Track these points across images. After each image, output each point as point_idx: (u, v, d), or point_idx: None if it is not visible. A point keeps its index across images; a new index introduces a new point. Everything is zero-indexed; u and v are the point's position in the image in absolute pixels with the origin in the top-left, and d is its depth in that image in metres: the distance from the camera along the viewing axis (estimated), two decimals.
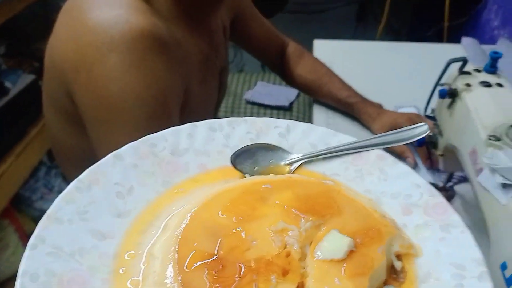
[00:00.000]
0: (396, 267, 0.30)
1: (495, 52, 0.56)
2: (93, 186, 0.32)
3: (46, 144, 1.34)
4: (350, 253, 0.28)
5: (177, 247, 0.28)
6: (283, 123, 0.41)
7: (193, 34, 0.62)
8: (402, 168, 0.38)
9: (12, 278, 1.34)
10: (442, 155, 0.60)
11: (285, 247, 0.28)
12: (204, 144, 0.38)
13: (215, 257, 0.27)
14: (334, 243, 0.29)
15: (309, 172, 0.38)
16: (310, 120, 1.06)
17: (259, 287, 0.26)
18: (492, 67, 0.56)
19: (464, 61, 0.56)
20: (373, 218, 0.32)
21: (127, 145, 0.36)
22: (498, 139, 0.45)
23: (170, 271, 0.27)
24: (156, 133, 0.38)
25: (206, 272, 0.27)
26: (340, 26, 2.31)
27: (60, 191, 0.32)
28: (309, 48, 1.23)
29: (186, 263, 0.27)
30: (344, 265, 0.28)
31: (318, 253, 0.28)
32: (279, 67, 0.98)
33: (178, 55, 0.58)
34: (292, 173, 0.38)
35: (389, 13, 2.12)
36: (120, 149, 0.36)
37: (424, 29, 1.87)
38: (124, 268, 0.29)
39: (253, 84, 1.61)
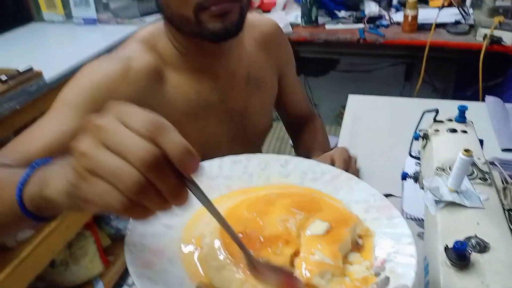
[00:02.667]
0: (359, 242, 0.47)
1: (462, 106, 0.68)
2: None
3: None
4: (327, 232, 0.46)
5: (218, 229, 0.44)
6: (282, 158, 0.60)
7: (190, 78, 0.73)
8: (363, 184, 0.55)
9: (88, 282, 1.54)
10: (422, 188, 0.71)
11: (287, 229, 0.45)
12: (229, 172, 0.56)
13: (243, 234, 0.44)
14: (317, 226, 0.46)
15: (302, 188, 0.57)
16: None
17: (272, 249, 0.42)
18: (461, 117, 0.68)
19: (436, 111, 0.69)
20: (343, 213, 0.50)
21: None
22: (442, 169, 0.57)
23: (216, 242, 0.44)
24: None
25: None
26: (389, 85, 2.43)
27: None
28: None
29: (226, 237, 0.42)
30: (323, 238, 0.44)
31: (307, 232, 0.45)
32: (293, 132, 1.03)
33: (154, 85, 0.69)
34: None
35: (433, 73, 2.21)
36: None
37: (464, 89, 1.94)
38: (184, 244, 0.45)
39: None
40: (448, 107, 0.69)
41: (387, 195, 0.89)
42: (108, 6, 1.78)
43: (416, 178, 0.73)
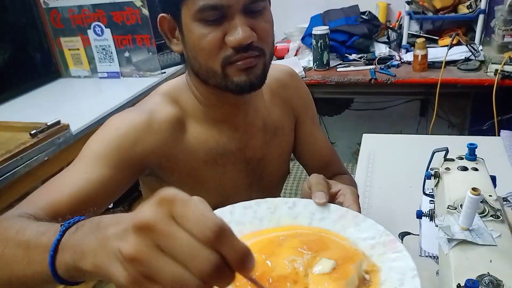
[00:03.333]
0: (366, 278, 0.48)
1: (471, 144, 0.69)
2: None
3: None
4: (334, 269, 0.47)
5: None
6: (290, 200, 0.61)
7: (210, 128, 0.76)
8: (369, 221, 0.56)
9: None
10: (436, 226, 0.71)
11: (294, 269, 0.47)
12: (240, 217, 0.59)
13: (254, 276, 0.46)
14: (323, 265, 0.47)
15: (310, 228, 0.58)
16: None
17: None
18: (471, 155, 0.69)
19: (446, 150, 0.70)
20: (349, 250, 0.51)
21: None
22: (454, 208, 0.57)
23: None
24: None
25: (248, 283, 0.43)
26: (404, 121, 2.43)
27: None
28: None
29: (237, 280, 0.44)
30: (330, 275, 0.46)
31: (314, 270, 0.47)
32: None
33: (176, 134, 0.73)
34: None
35: (447, 109, 2.22)
36: None
37: (480, 123, 1.93)
38: None
39: None
40: (462, 144, 0.70)
41: (404, 233, 0.89)
42: (130, 60, 1.88)
43: (431, 216, 0.73)
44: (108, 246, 0.32)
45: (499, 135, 1.32)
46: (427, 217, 0.74)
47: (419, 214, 0.74)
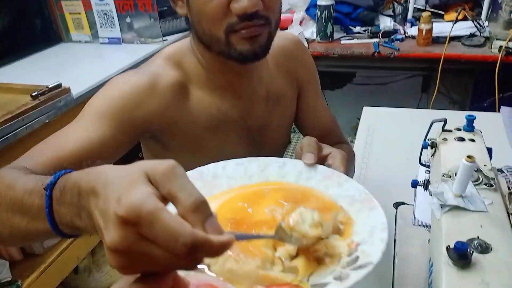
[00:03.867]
0: (340, 227, 0.52)
1: (470, 115, 0.69)
2: None
3: None
4: None
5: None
6: (281, 160, 0.64)
7: (213, 94, 0.76)
8: (351, 182, 0.59)
9: None
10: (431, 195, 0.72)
11: (273, 217, 0.51)
12: (231, 172, 0.62)
13: (233, 220, 0.50)
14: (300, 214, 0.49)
15: (295, 185, 0.62)
16: None
17: (256, 232, 0.48)
18: (469, 127, 0.69)
19: (445, 121, 0.70)
20: (328, 203, 0.55)
21: (187, 172, 0.61)
22: (449, 176, 0.58)
23: None
24: (204, 166, 0.62)
25: (229, 225, 0.49)
26: (405, 97, 2.42)
27: None
28: None
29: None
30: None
31: (290, 219, 0.49)
32: None
33: (178, 99, 0.72)
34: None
35: (450, 85, 2.20)
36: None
37: (481, 100, 1.92)
38: None
39: None
40: (462, 118, 0.70)
41: (399, 203, 0.91)
42: (132, 26, 1.86)
43: (426, 185, 0.74)
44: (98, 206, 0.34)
45: (499, 112, 1.32)
46: (422, 187, 0.75)
47: (414, 184, 0.75)
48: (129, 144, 0.72)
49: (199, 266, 0.35)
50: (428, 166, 0.76)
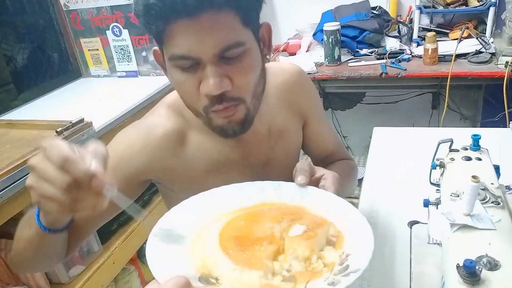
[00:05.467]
0: (332, 240, 0.56)
1: (475, 135, 0.71)
2: (177, 216, 0.61)
3: (166, 209, 1.66)
4: (305, 232, 0.56)
5: (218, 234, 0.56)
6: (276, 183, 0.70)
7: (212, 138, 0.76)
8: (341, 201, 0.63)
9: None
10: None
11: (272, 233, 0.56)
12: (232, 195, 0.67)
13: (237, 237, 0.55)
14: (296, 229, 0.56)
15: (291, 205, 0.66)
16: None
17: (257, 246, 0.53)
18: (475, 146, 0.71)
19: (451, 141, 0.72)
20: (319, 219, 0.60)
21: (191, 197, 0.66)
22: (457, 195, 0.60)
23: (216, 243, 0.54)
24: (207, 191, 0.68)
25: (232, 242, 0.54)
26: (416, 114, 2.43)
27: None
28: None
29: (223, 240, 0.54)
30: (302, 236, 0.55)
31: (289, 234, 0.55)
32: None
33: (174, 148, 0.75)
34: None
35: (459, 101, 2.21)
36: (189, 198, 0.66)
37: (493, 115, 1.92)
38: (194, 245, 0.57)
39: None
40: (470, 135, 0.72)
41: (413, 222, 0.92)
42: (147, 59, 1.93)
43: (437, 204, 0.76)
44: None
45: (509, 127, 1.33)
46: (434, 206, 0.77)
47: (426, 203, 0.77)
48: (134, 194, 0.79)
49: (211, 279, 0.47)
50: (438, 186, 0.77)
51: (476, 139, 0.71)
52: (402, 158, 1.21)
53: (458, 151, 0.72)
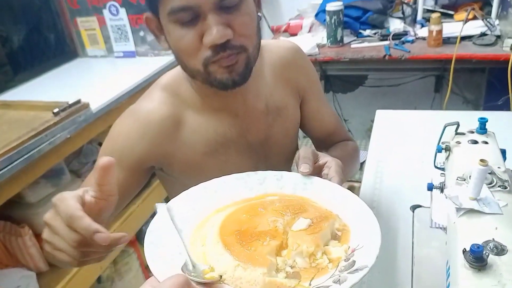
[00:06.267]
0: (337, 234, 0.55)
1: (482, 118, 0.70)
2: (176, 208, 0.59)
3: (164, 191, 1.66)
4: (309, 226, 0.53)
5: (218, 228, 0.54)
6: (278, 173, 0.67)
7: (209, 117, 0.77)
8: (345, 191, 0.61)
9: None
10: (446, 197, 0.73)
11: (275, 227, 0.54)
12: (233, 186, 0.65)
13: (239, 231, 0.53)
14: (300, 223, 0.54)
15: (293, 195, 0.64)
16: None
17: (260, 241, 0.50)
18: (481, 129, 0.70)
19: (457, 124, 0.71)
20: (324, 212, 0.58)
21: (191, 188, 0.64)
22: (463, 179, 0.59)
23: (217, 238, 0.52)
24: (207, 182, 0.65)
25: (234, 236, 0.51)
26: (418, 97, 2.41)
27: None
28: None
29: (224, 234, 0.52)
30: (306, 230, 0.53)
31: (293, 228, 0.53)
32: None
33: (171, 132, 0.76)
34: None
35: (463, 84, 2.19)
36: (189, 189, 0.64)
37: (497, 99, 1.91)
38: (194, 239, 0.55)
39: None
40: (476, 119, 0.71)
41: (416, 206, 0.92)
42: (145, 40, 1.90)
43: (442, 188, 0.75)
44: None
45: None
46: (438, 190, 0.76)
47: (430, 187, 0.76)
48: (140, 181, 0.80)
49: (215, 275, 0.47)
50: (443, 169, 0.77)
51: (483, 122, 0.70)
52: (405, 141, 1.20)
53: (464, 134, 0.71)
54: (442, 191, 0.75)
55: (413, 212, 0.91)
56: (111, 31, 1.91)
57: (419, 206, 0.92)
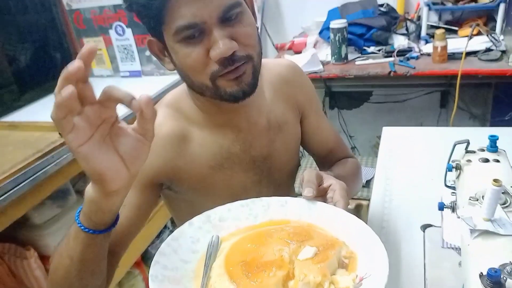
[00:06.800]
0: (345, 261, 0.54)
1: (493, 136, 0.69)
2: (180, 238, 0.59)
3: (168, 213, 1.65)
4: (316, 254, 0.53)
5: (224, 259, 0.54)
6: (283, 199, 0.67)
7: (214, 133, 0.78)
8: (350, 216, 0.61)
9: None
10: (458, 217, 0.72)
11: (281, 256, 0.53)
12: (238, 214, 0.65)
13: (244, 261, 0.53)
14: (306, 251, 0.53)
15: (298, 222, 0.64)
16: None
17: (266, 272, 0.50)
18: (492, 147, 0.69)
19: (468, 142, 0.70)
20: (330, 239, 0.57)
21: (195, 217, 0.64)
22: (476, 199, 0.58)
23: (222, 270, 0.52)
24: (211, 210, 0.65)
25: (239, 268, 0.51)
26: (424, 113, 2.41)
27: None
28: None
29: (230, 265, 0.52)
30: (312, 260, 0.52)
31: (299, 257, 0.53)
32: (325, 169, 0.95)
33: (179, 147, 0.76)
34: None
35: (469, 99, 2.19)
36: (192, 218, 0.64)
37: (504, 114, 1.90)
38: (199, 271, 0.55)
39: None
40: (484, 135, 0.71)
41: (426, 225, 0.90)
42: (151, 59, 1.92)
43: (453, 208, 0.74)
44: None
45: None
46: (449, 209, 0.75)
47: (441, 206, 0.75)
48: (154, 200, 0.79)
49: None
50: (454, 188, 0.76)
51: (493, 140, 0.69)
52: (413, 158, 1.19)
53: (474, 152, 0.70)
54: (453, 210, 0.74)
55: (424, 232, 0.89)
56: (117, 51, 1.93)
57: (430, 225, 0.91)
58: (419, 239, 0.87)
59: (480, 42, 1.78)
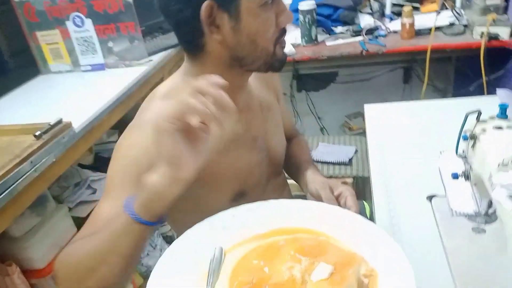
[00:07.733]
0: (364, 281, 0.49)
1: (503, 104, 0.72)
2: (179, 252, 0.55)
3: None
4: (332, 274, 0.47)
5: (228, 281, 0.49)
6: (292, 202, 0.64)
7: None
8: (368, 224, 0.58)
9: None
10: (475, 184, 0.75)
11: (292, 276, 0.48)
12: (243, 220, 0.61)
13: (250, 284, 0.48)
14: (321, 271, 0.48)
15: (310, 230, 0.60)
16: (368, 171, 1.22)
17: None
18: (503, 114, 0.73)
19: (479, 112, 0.73)
20: (347, 254, 0.52)
21: (196, 224, 0.60)
22: (505, 165, 0.61)
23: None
24: (214, 216, 0.61)
25: None
26: (388, 90, 2.49)
27: (161, 249, 0.58)
28: (362, 111, 1.42)
29: (236, 286, 0.47)
30: (327, 281, 0.46)
31: (312, 278, 0.47)
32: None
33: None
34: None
35: (432, 74, 2.29)
36: (194, 226, 0.60)
37: (466, 85, 2.00)
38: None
39: (315, 146, 1.81)
40: (453, 107, 0.74)
41: (431, 196, 0.93)
42: (112, 50, 1.82)
43: (467, 175, 0.77)
44: None
45: (489, 94, 1.38)
46: (463, 177, 0.78)
47: (455, 176, 0.78)
48: None
49: None
50: (465, 157, 0.79)
51: (503, 108, 0.72)
52: (402, 132, 1.23)
53: (485, 121, 0.73)
54: (467, 178, 0.77)
55: (431, 201, 0.92)
56: (76, 43, 1.81)
57: (434, 196, 0.94)
58: (427, 210, 0.90)
59: (444, 17, 1.86)
